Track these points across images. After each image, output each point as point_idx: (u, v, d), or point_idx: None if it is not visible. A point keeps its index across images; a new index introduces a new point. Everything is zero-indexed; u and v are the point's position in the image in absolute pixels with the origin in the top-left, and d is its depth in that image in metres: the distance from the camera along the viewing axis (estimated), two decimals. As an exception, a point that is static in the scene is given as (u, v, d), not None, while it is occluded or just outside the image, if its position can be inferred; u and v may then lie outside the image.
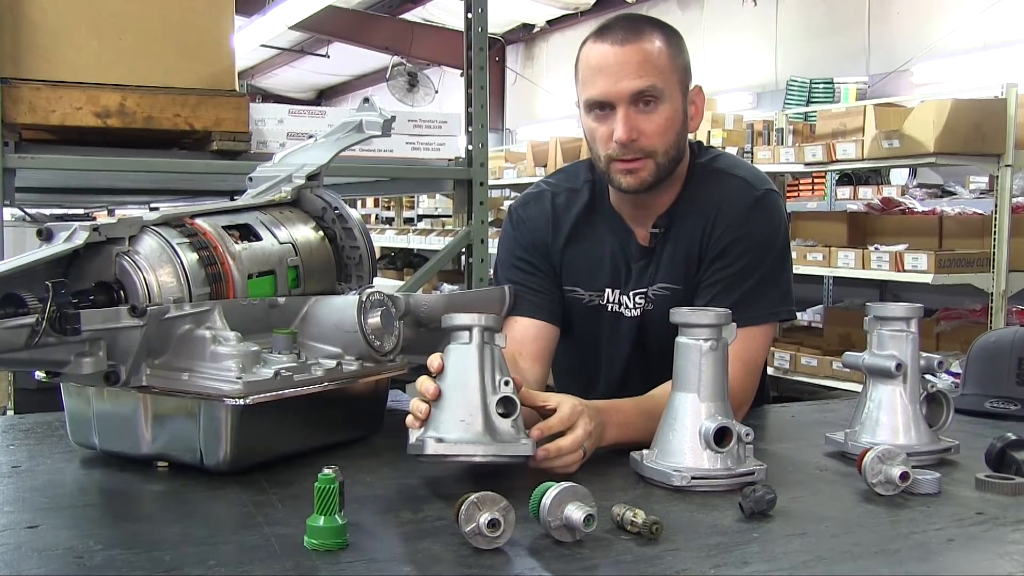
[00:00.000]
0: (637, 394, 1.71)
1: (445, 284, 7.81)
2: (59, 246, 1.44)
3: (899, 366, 1.61)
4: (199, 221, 1.61)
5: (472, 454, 1.35)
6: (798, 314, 6.54)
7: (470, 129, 3.55)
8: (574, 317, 1.98)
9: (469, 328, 1.40)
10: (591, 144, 1.85)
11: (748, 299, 1.82)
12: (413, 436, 1.40)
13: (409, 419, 1.42)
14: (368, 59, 15.10)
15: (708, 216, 1.87)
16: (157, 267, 1.50)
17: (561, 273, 1.97)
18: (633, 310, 1.93)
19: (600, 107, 1.79)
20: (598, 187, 1.97)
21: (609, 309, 1.95)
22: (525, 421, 1.44)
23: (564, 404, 1.50)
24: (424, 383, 1.41)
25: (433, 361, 1.42)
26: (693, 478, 1.41)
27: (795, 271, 1.96)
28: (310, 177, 1.84)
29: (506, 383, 1.39)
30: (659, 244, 1.91)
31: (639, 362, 1.95)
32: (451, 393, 1.39)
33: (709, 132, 6.97)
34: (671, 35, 1.82)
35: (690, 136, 1.91)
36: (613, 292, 1.95)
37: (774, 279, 1.87)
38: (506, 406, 1.39)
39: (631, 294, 1.93)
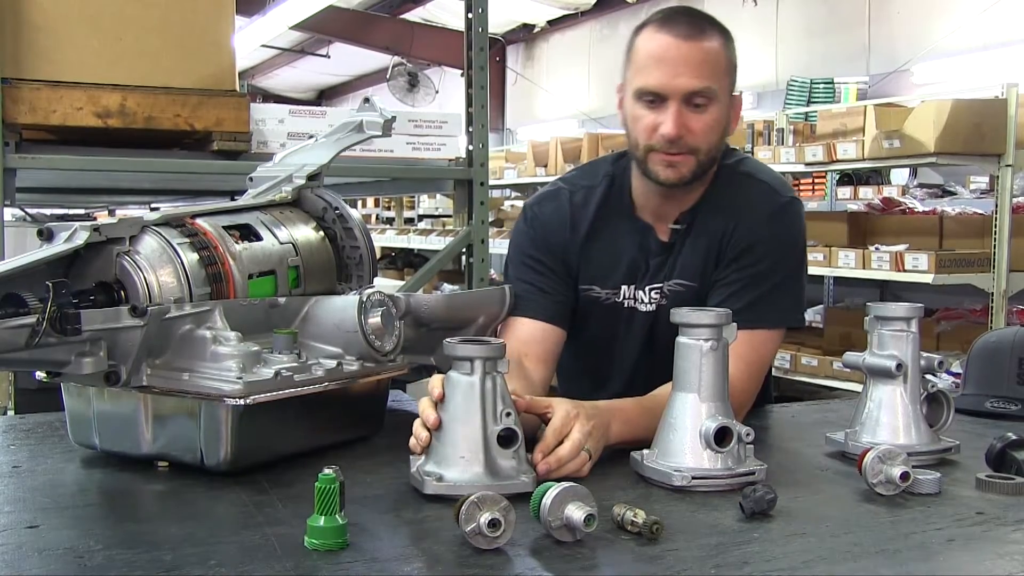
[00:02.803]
0: (646, 390, 1.71)
1: (445, 284, 7.81)
2: (60, 246, 1.44)
3: (899, 366, 1.61)
4: (200, 221, 1.61)
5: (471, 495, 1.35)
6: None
7: (470, 129, 3.55)
8: (591, 316, 1.96)
9: (471, 360, 1.39)
10: (631, 130, 1.83)
11: (761, 302, 1.83)
12: (414, 465, 1.41)
13: (412, 442, 1.41)
14: (368, 59, 15.09)
15: (731, 217, 1.87)
16: (158, 267, 1.50)
17: (578, 272, 1.95)
18: (648, 305, 1.93)
19: (651, 97, 1.78)
20: (617, 182, 1.95)
21: (625, 305, 1.95)
22: (529, 427, 1.44)
23: (556, 414, 1.48)
24: (426, 411, 1.40)
25: (434, 388, 1.41)
26: (693, 478, 1.41)
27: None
28: (311, 177, 1.84)
29: (507, 414, 1.38)
30: (679, 240, 1.90)
31: (650, 358, 1.94)
32: (452, 426, 1.38)
33: (710, 132, 6.94)
34: (728, 38, 1.82)
35: None
36: (629, 288, 1.94)
37: (788, 286, 1.89)
38: (508, 437, 1.38)
39: (646, 288, 1.93)
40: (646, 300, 1.93)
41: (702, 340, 1.46)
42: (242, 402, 1.42)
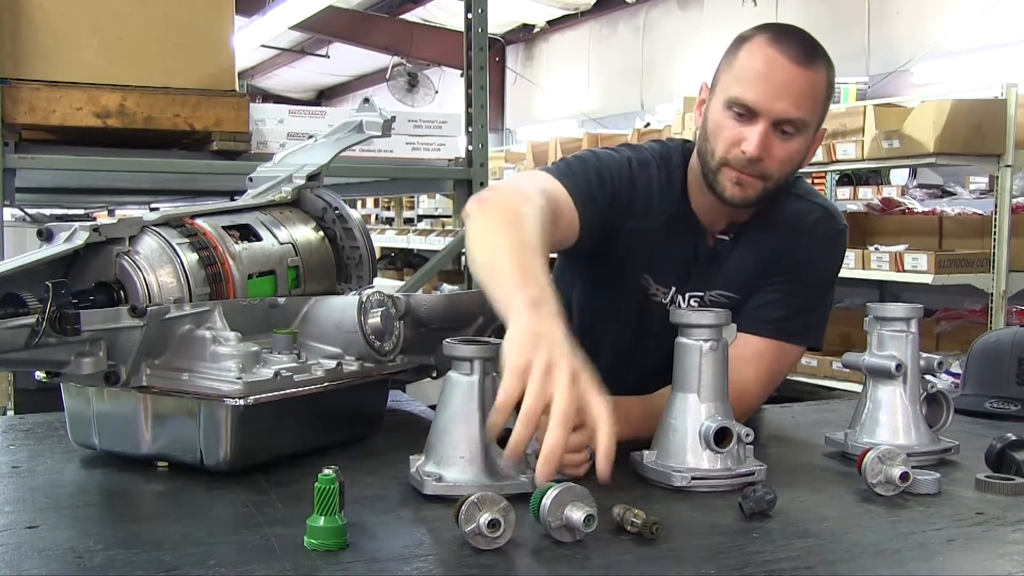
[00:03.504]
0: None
1: (445, 284, 7.81)
2: (59, 246, 1.44)
3: (899, 366, 1.61)
4: (199, 221, 1.61)
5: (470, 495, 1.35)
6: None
7: (470, 129, 3.55)
8: (630, 307, 1.89)
9: (471, 360, 1.38)
10: (710, 137, 1.75)
11: (797, 317, 1.83)
12: (413, 465, 1.41)
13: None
14: (368, 59, 15.08)
15: (788, 235, 1.85)
16: (157, 267, 1.50)
17: (636, 254, 1.85)
18: None
19: (743, 110, 1.70)
20: (685, 178, 1.87)
21: (666, 306, 1.89)
22: None
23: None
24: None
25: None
26: (693, 478, 1.41)
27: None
28: (310, 177, 1.84)
29: None
30: (724, 250, 1.86)
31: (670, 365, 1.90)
32: (451, 427, 1.38)
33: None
34: (832, 70, 1.76)
35: None
36: (674, 291, 1.88)
37: (820, 308, 1.90)
38: (507, 437, 1.38)
39: (686, 295, 1.88)
40: (683, 305, 1.88)
41: (702, 340, 1.46)
42: (242, 402, 1.42)
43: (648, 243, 1.85)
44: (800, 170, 1.84)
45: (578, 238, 1.75)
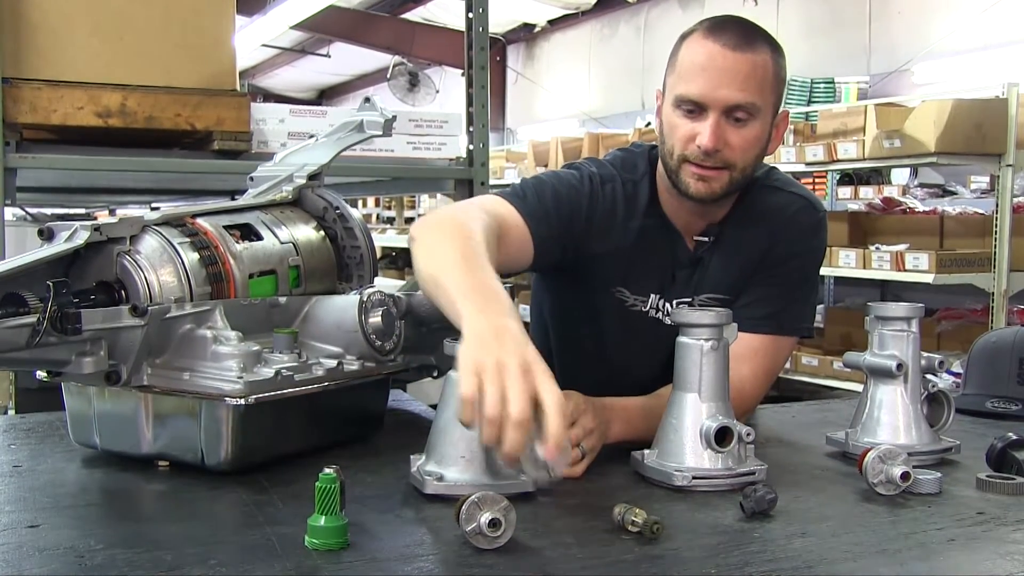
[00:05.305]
0: None
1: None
2: (60, 246, 1.44)
3: (900, 366, 1.61)
4: (200, 221, 1.61)
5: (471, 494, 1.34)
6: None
7: (471, 129, 3.54)
8: (611, 320, 1.89)
9: None
10: (666, 138, 1.77)
11: (788, 310, 1.84)
12: (414, 465, 1.41)
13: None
14: (369, 59, 15.09)
15: (773, 230, 1.85)
16: (158, 267, 1.50)
17: (605, 270, 1.85)
18: None
19: (691, 105, 1.71)
20: (652, 181, 1.87)
21: (650, 315, 1.88)
22: None
23: (569, 400, 1.49)
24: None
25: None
26: (694, 478, 1.41)
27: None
28: (311, 177, 1.84)
29: None
30: (707, 253, 1.85)
31: (671, 373, 1.89)
32: (452, 426, 1.37)
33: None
34: (779, 53, 1.75)
35: None
36: (657, 298, 1.87)
37: (809, 297, 1.91)
38: None
39: (673, 301, 1.86)
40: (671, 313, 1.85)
41: (702, 340, 1.46)
42: (243, 402, 1.42)
43: (617, 257, 1.85)
44: (767, 156, 1.83)
45: (535, 256, 1.76)
